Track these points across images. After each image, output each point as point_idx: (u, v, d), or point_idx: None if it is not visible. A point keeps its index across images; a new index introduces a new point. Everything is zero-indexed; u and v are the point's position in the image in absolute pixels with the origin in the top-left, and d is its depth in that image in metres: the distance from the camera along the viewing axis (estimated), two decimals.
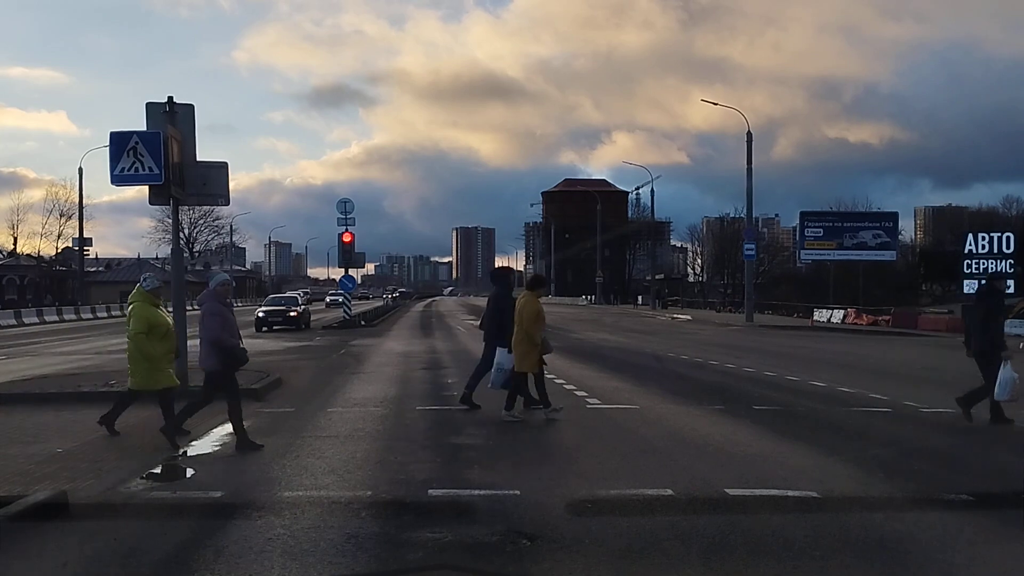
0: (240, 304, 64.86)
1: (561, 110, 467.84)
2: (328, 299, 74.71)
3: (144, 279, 9.67)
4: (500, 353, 10.73)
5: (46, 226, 75.26)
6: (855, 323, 38.88)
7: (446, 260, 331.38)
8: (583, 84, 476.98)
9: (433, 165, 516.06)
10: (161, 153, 11.59)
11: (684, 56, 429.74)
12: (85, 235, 60.74)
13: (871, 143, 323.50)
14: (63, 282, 75.63)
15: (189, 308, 13.59)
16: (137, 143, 11.60)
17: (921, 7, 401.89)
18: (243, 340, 9.34)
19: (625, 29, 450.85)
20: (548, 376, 15.46)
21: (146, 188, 12.21)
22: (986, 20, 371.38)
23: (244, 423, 8.80)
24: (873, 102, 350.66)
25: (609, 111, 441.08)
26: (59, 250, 76.42)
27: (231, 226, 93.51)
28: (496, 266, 29.62)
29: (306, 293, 73.41)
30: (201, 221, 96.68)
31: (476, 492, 6.72)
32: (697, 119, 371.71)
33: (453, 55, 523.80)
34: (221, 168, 13.03)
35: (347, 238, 35.60)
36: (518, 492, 6.63)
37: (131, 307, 9.50)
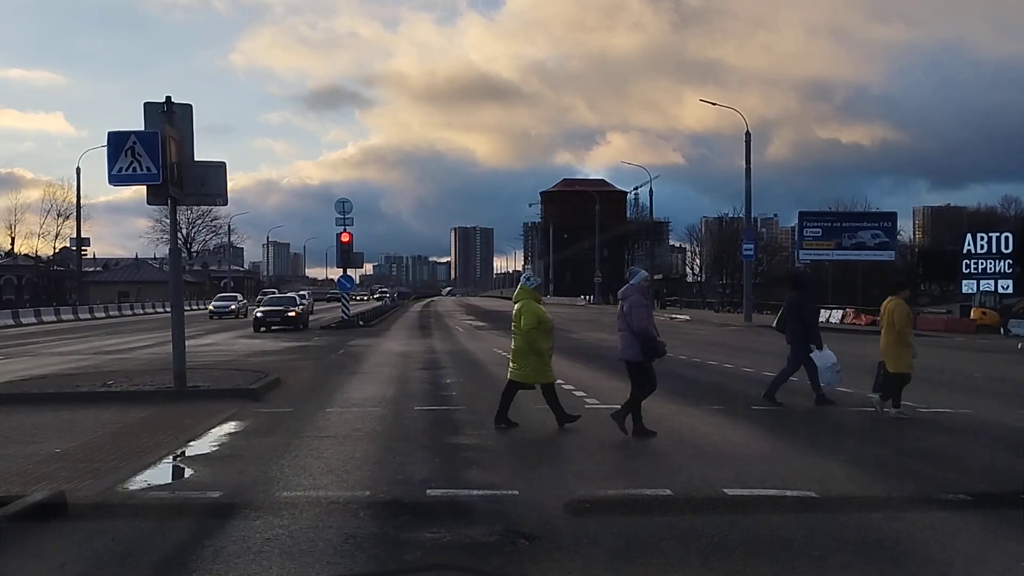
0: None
1: (556, 111, 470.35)
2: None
3: (528, 278, 10.11)
4: (822, 355, 11.36)
5: (43, 226, 75.45)
6: (854, 323, 38.87)
7: (444, 260, 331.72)
8: (577, 85, 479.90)
9: (429, 166, 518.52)
10: (159, 153, 11.58)
11: (676, 58, 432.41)
12: (83, 235, 60.77)
13: (864, 144, 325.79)
14: (61, 282, 75.56)
15: (190, 308, 13.58)
16: (135, 143, 11.59)
17: (910, 10, 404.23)
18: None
19: (617, 31, 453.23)
20: None
21: (144, 188, 12.20)
22: (975, 22, 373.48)
23: (245, 424, 8.78)
24: (865, 104, 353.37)
25: (603, 112, 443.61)
26: (57, 250, 76.45)
27: (229, 226, 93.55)
28: (796, 269, 30.11)
29: (302, 295, 73.30)
30: (199, 221, 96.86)
31: (475, 492, 6.72)
32: (691, 120, 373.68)
33: (448, 57, 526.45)
34: (219, 168, 13.02)
35: (345, 238, 35.61)
36: (516, 492, 6.63)
37: (520, 304, 9.88)
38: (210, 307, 47.36)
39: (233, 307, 45.50)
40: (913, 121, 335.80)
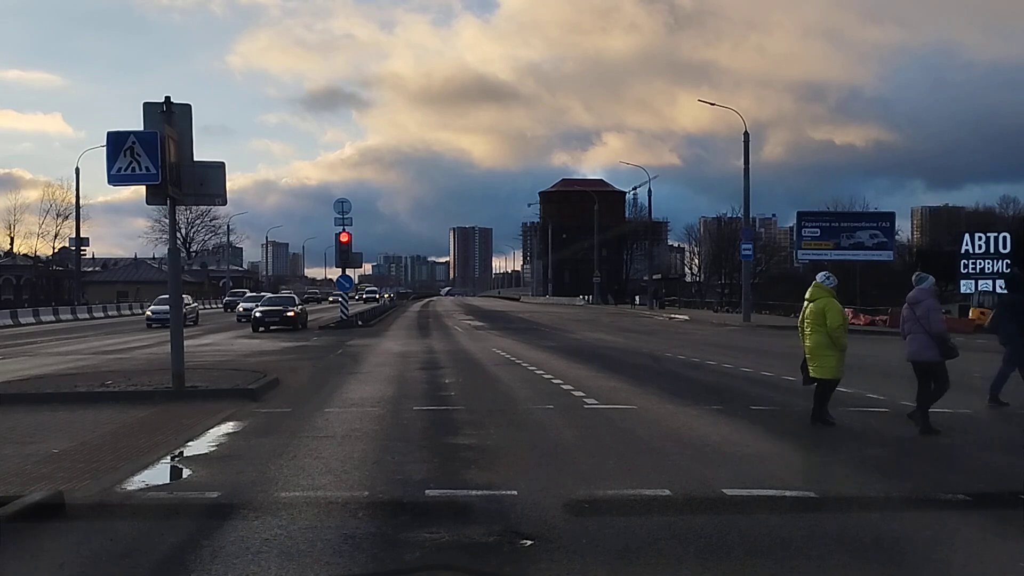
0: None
1: (552, 112, 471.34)
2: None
3: (826, 277, 10.33)
4: None
5: (42, 226, 75.31)
6: (852, 323, 38.74)
7: (443, 260, 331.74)
8: (573, 87, 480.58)
9: (426, 166, 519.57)
10: (158, 153, 11.56)
11: (670, 59, 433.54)
12: (82, 235, 60.78)
13: (858, 145, 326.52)
14: (60, 282, 75.47)
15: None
16: (134, 143, 11.57)
17: (902, 12, 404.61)
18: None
19: (612, 33, 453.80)
20: (545, 376, 15.55)
21: (143, 188, 12.19)
22: (966, 24, 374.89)
23: (244, 424, 8.78)
24: (858, 105, 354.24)
25: (599, 113, 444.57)
26: (56, 250, 76.37)
27: (228, 226, 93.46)
28: (1013, 272, 30.28)
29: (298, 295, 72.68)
30: (198, 221, 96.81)
31: (473, 492, 6.71)
32: (686, 121, 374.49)
33: (444, 59, 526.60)
34: (218, 168, 13.00)
35: (344, 238, 35.59)
36: (515, 492, 6.62)
37: (819, 302, 10.02)
38: (147, 312, 39.27)
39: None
40: (907, 122, 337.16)
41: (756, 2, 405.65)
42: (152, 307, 38.79)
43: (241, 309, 43.10)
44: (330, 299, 77.54)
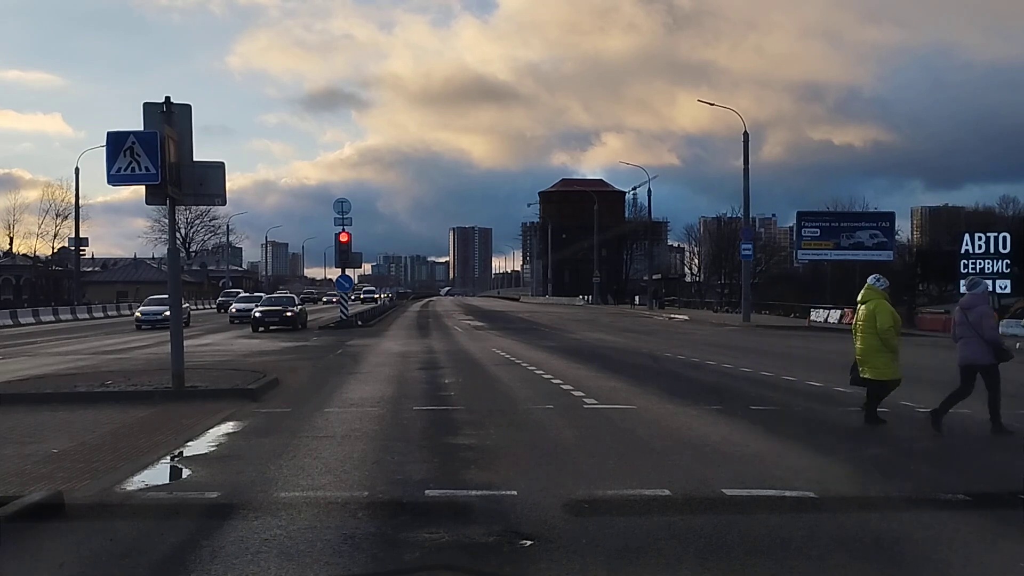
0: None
1: (551, 112, 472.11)
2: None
3: (876, 279, 10.57)
4: None
5: (42, 226, 75.26)
6: (852, 323, 38.88)
7: (443, 260, 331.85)
8: (572, 87, 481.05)
9: (426, 167, 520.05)
10: (158, 153, 11.56)
11: (669, 60, 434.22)
12: (81, 235, 60.75)
13: (856, 145, 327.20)
14: (59, 282, 75.45)
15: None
16: (134, 143, 11.57)
17: (900, 12, 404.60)
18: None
19: (611, 33, 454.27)
20: (545, 376, 15.55)
21: (143, 188, 12.18)
22: (964, 25, 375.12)
23: (244, 424, 8.78)
24: (857, 105, 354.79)
25: (598, 114, 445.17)
26: (55, 250, 76.33)
27: (228, 226, 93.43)
28: None
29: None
30: (198, 221, 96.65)
31: (473, 492, 6.71)
32: (685, 121, 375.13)
33: (443, 59, 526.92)
34: (218, 168, 13.00)
35: (344, 238, 35.60)
36: (515, 492, 6.62)
37: (870, 304, 10.26)
38: (137, 313, 37.34)
39: (168, 313, 33.80)
40: (906, 122, 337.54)
41: (754, 2, 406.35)
42: (142, 308, 37.09)
43: (234, 310, 41.18)
44: (323, 300, 75.23)
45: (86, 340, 29.06)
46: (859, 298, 10.61)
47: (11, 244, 75.61)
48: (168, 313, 12.10)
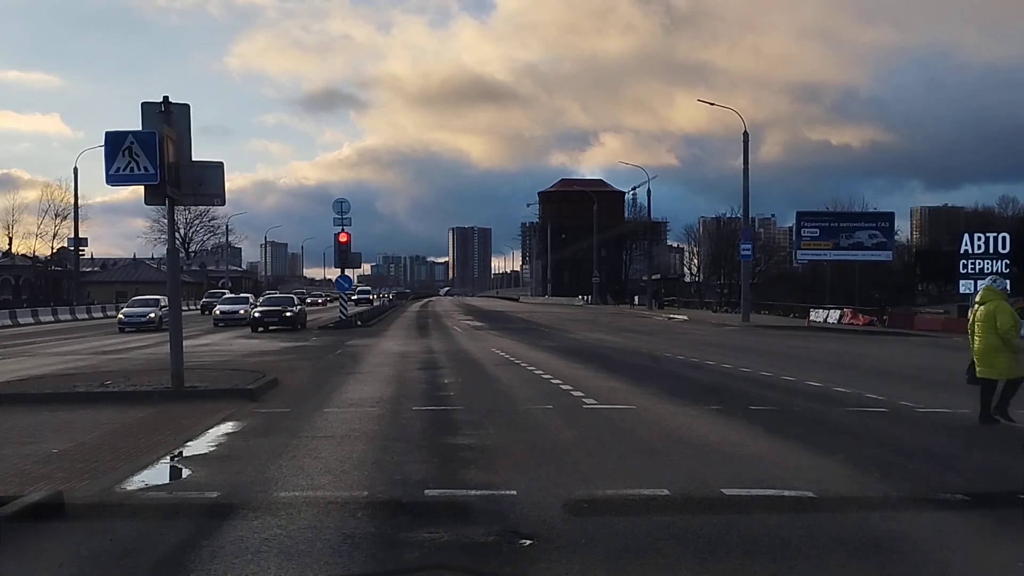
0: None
1: (549, 113, 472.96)
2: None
3: (994, 280, 10.83)
4: None
5: (41, 226, 75.32)
6: (851, 323, 38.92)
7: (442, 260, 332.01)
8: (570, 87, 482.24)
9: (425, 167, 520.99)
10: (157, 153, 11.55)
11: (667, 60, 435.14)
12: (80, 235, 60.78)
13: (854, 145, 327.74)
14: (58, 282, 75.51)
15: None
16: (133, 143, 11.56)
17: (897, 13, 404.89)
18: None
19: (608, 34, 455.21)
20: (545, 376, 15.55)
21: (142, 188, 12.18)
22: (961, 26, 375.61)
23: (243, 424, 8.77)
24: (854, 106, 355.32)
25: (596, 114, 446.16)
26: (54, 250, 76.38)
27: (227, 226, 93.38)
28: None
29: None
30: (197, 221, 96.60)
31: (473, 492, 6.71)
32: (683, 121, 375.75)
33: (441, 60, 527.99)
34: (217, 168, 12.99)
35: (343, 238, 35.60)
36: (515, 492, 6.62)
37: (989, 304, 10.31)
38: (120, 315, 35.77)
39: (153, 315, 33.66)
40: (904, 123, 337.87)
41: (752, 3, 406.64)
42: (125, 310, 35.98)
43: (219, 312, 38.29)
44: (308, 300, 71.26)
45: (85, 340, 29.06)
46: (977, 299, 10.67)
47: (10, 244, 75.74)
48: (152, 315, 12.16)
